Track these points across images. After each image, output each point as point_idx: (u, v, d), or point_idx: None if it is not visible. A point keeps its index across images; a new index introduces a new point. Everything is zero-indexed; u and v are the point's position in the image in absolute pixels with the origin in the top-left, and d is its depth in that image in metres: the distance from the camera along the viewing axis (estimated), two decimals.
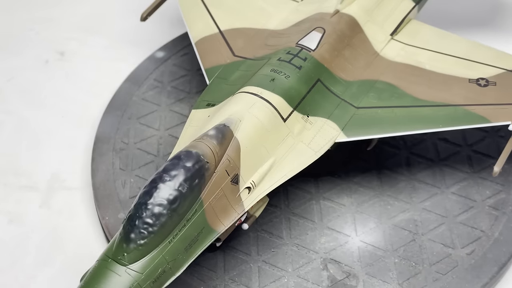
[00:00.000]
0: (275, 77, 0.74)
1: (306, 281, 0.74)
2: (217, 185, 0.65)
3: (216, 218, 0.65)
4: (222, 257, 0.77)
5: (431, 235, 0.78)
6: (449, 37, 0.86)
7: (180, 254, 0.62)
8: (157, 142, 0.91)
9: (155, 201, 0.61)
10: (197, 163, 0.63)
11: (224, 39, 0.87)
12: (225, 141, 0.67)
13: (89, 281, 0.59)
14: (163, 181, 0.62)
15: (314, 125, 0.74)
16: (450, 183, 0.84)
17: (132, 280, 0.59)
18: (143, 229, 0.60)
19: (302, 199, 0.82)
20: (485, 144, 0.88)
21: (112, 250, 0.60)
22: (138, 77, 1.01)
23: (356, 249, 0.77)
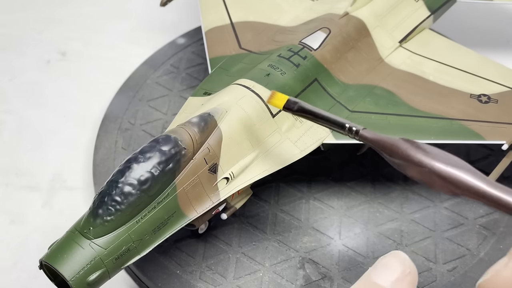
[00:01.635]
0: (270, 73, 0.75)
1: (281, 278, 0.75)
2: (194, 172, 0.66)
3: (189, 204, 0.66)
4: (203, 244, 0.78)
5: (414, 247, 0.77)
6: (460, 50, 0.85)
7: (148, 235, 0.63)
8: (162, 126, 0.93)
9: (126, 180, 0.62)
10: (173, 148, 0.64)
11: (233, 31, 0.87)
12: (207, 130, 0.67)
13: (54, 250, 0.61)
14: (137, 162, 0.63)
15: (304, 124, 0.74)
16: (445, 198, 0.82)
17: (94, 254, 0.61)
18: (111, 206, 0.61)
19: (292, 197, 0.83)
20: (487, 163, 0.86)
21: (80, 224, 0.62)
22: (156, 61, 1.03)
23: (337, 252, 0.77)
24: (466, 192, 0.50)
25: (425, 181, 0.53)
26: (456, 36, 0.91)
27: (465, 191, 0.50)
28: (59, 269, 0.59)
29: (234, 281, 0.74)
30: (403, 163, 0.54)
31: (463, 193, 0.50)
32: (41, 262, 0.61)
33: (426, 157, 0.52)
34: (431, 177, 0.52)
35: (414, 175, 0.54)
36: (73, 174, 0.93)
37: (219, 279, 0.75)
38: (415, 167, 0.53)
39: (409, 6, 0.88)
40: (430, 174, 0.52)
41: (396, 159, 0.55)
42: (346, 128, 0.60)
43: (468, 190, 0.49)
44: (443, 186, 0.51)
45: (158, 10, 0.99)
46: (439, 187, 0.52)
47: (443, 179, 0.51)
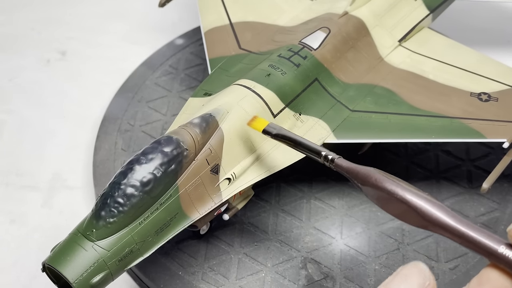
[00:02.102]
0: (271, 73, 0.74)
1: (283, 278, 0.75)
2: (196, 173, 0.66)
3: (191, 205, 0.66)
4: (205, 245, 0.78)
5: (416, 246, 0.78)
6: (459, 49, 0.85)
7: (150, 236, 0.63)
8: (162, 127, 0.92)
9: (128, 182, 0.62)
10: (175, 149, 0.64)
11: (233, 31, 0.87)
12: (208, 131, 0.67)
13: (57, 253, 0.61)
14: (140, 163, 0.63)
15: (305, 123, 0.74)
16: (446, 196, 0.82)
17: (97, 256, 0.60)
18: (113, 208, 0.61)
19: (293, 197, 0.83)
20: (488, 161, 0.86)
21: (83, 226, 0.62)
22: (155, 62, 1.03)
23: (339, 251, 0.77)
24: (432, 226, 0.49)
25: (394, 212, 0.53)
26: (455, 35, 0.91)
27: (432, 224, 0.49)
28: (62, 272, 0.59)
29: (236, 281, 0.74)
30: (374, 192, 0.55)
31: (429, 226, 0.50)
32: (44, 264, 0.61)
33: (397, 187, 0.52)
34: (400, 208, 0.52)
35: (383, 205, 0.54)
36: (73, 173, 0.93)
37: (221, 279, 0.74)
38: (385, 197, 0.53)
39: (408, 5, 0.88)
40: (400, 204, 0.52)
41: (368, 187, 0.55)
42: (322, 156, 0.62)
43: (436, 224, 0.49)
44: (412, 217, 0.51)
45: (157, 10, 0.99)
46: (408, 219, 0.52)
47: (413, 209, 0.50)
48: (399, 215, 0.52)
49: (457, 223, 0.48)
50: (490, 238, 0.46)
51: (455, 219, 0.48)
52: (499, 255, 0.44)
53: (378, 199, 0.55)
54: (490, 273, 0.45)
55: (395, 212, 0.53)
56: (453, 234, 0.48)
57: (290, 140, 0.65)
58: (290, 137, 0.65)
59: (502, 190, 0.82)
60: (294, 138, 0.65)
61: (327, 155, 0.62)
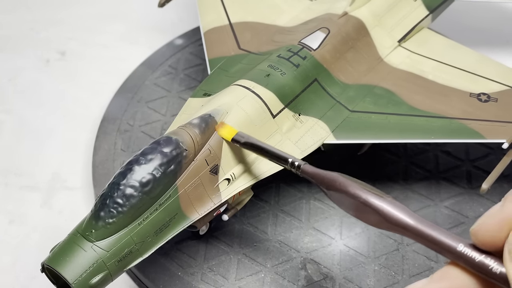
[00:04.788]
0: (270, 73, 0.74)
1: (283, 279, 0.75)
2: (195, 174, 0.66)
3: (190, 205, 0.66)
4: (204, 245, 0.78)
5: (416, 246, 0.78)
6: (459, 49, 0.85)
7: (149, 237, 0.63)
8: (161, 127, 0.92)
9: (127, 183, 0.62)
10: (175, 150, 0.64)
11: (232, 31, 0.87)
12: (208, 131, 0.67)
13: (56, 253, 0.61)
14: (139, 164, 0.63)
15: (305, 124, 0.74)
16: (445, 196, 0.82)
17: (96, 256, 0.60)
18: (112, 209, 0.61)
19: (293, 197, 0.83)
20: (487, 161, 0.86)
21: (82, 226, 0.62)
22: (154, 62, 1.03)
23: (338, 252, 0.77)
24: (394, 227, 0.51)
25: (358, 214, 0.55)
26: (455, 35, 0.91)
27: (394, 225, 0.51)
28: (62, 272, 0.59)
29: (236, 282, 0.74)
30: (339, 196, 0.56)
31: (392, 228, 0.51)
32: (43, 265, 0.61)
33: (360, 191, 0.54)
34: (365, 210, 0.53)
35: (348, 209, 0.56)
36: (72, 174, 0.93)
37: (221, 280, 0.74)
38: (350, 200, 0.54)
39: (407, 5, 0.88)
40: (364, 207, 0.53)
41: (333, 191, 0.56)
42: (289, 162, 0.63)
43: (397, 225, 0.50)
44: (375, 220, 0.52)
45: (156, 10, 0.99)
46: (371, 221, 0.53)
47: (376, 212, 0.52)
48: (363, 218, 0.54)
49: (418, 223, 0.49)
50: (449, 237, 0.47)
51: (416, 220, 0.49)
52: (458, 253, 0.46)
53: (342, 203, 0.56)
54: (451, 270, 0.46)
55: (359, 215, 0.54)
56: (414, 234, 0.49)
57: (258, 148, 0.66)
58: (258, 145, 0.66)
59: (502, 190, 0.82)
60: (261, 146, 0.66)
61: (294, 161, 0.63)
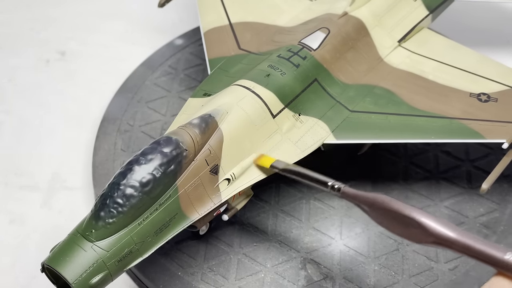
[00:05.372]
0: (270, 73, 0.74)
1: (283, 279, 0.75)
2: (195, 174, 0.66)
3: (190, 205, 0.66)
4: (204, 245, 0.78)
5: (416, 246, 0.77)
6: (459, 49, 0.85)
7: (149, 237, 0.63)
8: (161, 127, 0.92)
9: (127, 183, 0.62)
10: (175, 150, 0.64)
11: (232, 31, 0.87)
12: (208, 131, 0.67)
13: (56, 253, 0.61)
14: (139, 164, 0.63)
15: (305, 124, 0.74)
16: (445, 196, 0.82)
17: (96, 256, 0.60)
18: (113, 209, 0.61)
19: (292, 197, 0.83)
20: (487, 161, 0.86)
21: (82, 226, 0.62)
22: (154, 62, 1.03)
23: (338, 252, 0.77)
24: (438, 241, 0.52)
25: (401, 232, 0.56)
26: (455, 35, 0.91)
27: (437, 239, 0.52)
28: (62, 272, 0.59)
29: (236, 282, 0.74)
30: (382, 214, 0.57)
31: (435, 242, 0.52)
32: (43, 265, 0.61)
33: (404, 207, 0.55)
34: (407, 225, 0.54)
35: (390, 226, 0.57)
36: (72, 174, 0.93)
37: (221, 280, 0.74)
38: (392, 217, 0.56)
39: (407, 5, 0.88)
40: (408, 223, 0.54)
41: (376, 209, 0.58)
42: (329, 186, 0.64)
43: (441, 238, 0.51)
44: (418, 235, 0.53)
45: (157, 10, 0.99)
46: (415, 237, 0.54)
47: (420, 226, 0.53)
48: (405, 234, 0.55)
49: (462, 236, 0.50)
50: (494, 247, 0.48)
51: (459, 232, 0.51)
52: (506, 263, 0.46)
53: (385, 221, 0.57)
54: (499, 281, 0.46)
55: (401, 231, 0.55)
56: (459, 246, 0.50)
57: (297, 174, 0.68)
58: (296, 171, 0.68)
59: (502, 190, 0.82)
60: (300, 172, 0.68)
61: (334, 184, 0.64)
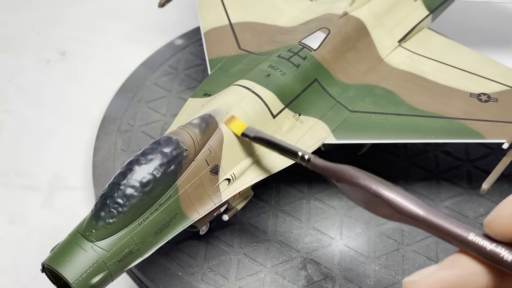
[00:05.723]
0: (271, 73, 0.74)
1: (283, 279, 0.75)
2: (195, 174, 0.66)
3: (191, 205, 0.66)
4: (205, 246, 0.78)
5: (416, 246, 0.78)
6: (459, 49, 0.85)
7: (150, 237, 0.63)
8: (162, 127, 0.92)
9: (128, 183, 0.62)
10: (175, 150, 0.64)
11: (232, 31, 0.87)
12: (208, 131, 0.67)
13: (57, 253, 0.61)
14: (139, 164, 0.63)
15: (305, 124, 0.74)
16: (445, 196, 0.82)
17: (97, 256, 0.60)
18: (113, 209, 0.61)
19: (293, 197, 0.83)
20: (487, 161, 0.86)
21: (83, 226, 0.62)
22: (154, 62, 1.03)
23: (338, 252, 0.77)
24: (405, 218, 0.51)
25: (368, 206, 0.55)
26: (455, 35, 0.91)
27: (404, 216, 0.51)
28: (62, 272, 0.59)
29: (236, 282, 0.74)
30: (349, 188, 0.56)
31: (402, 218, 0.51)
32: (44, 265, 0.61)
33: (371, 182, 0.54)
34: (374, 202, 0.54)
35: (358, 201, 0.56)
36: (72, 174, 0.93)
37: (221, 280, 0.74)
38: (360, 192, 0.55)
39: (407, 5, 0.88)
40: (374, 198, 0.53)
41: (343, 183, 0.57)
42: (298, 156, 0.64)
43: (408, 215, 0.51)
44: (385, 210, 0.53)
45: (157, 10, 0.99)
46: (382, 213, 0.53)
47: (386, 202, 0.52)
48: (374, 209, 0.54)
49: (428, 214, 0.50)
50: (460, 226, 0.48)
51: (426, 210, 0.50)
52: (469, 242, 0.46)
53: (352, 195, 0.57)
54: (461, 258, 0.47)
55: (369, 207, 0.55)
56: (425, 224, 0.50)
57: (267, 142, 0.67)
58: (267, 139, 0.67)
59: (502, 190, 0.82)
60: (271, 140, 0.67)
61: (304, 155, 0.63)
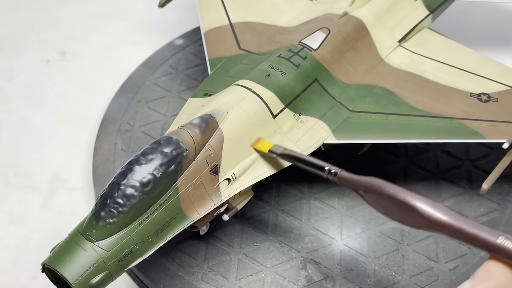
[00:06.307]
0: (271, 73, 0.74)
1: (283, 279, 0.75)
2: (195, 174, 0.66)
3: (191, 205, 0.66)
4: (205, 245, 0.78)
5: (416, 246, 0.78)
6: (459, 49, 0.85)
7: (150, 237, 0.63)
8: (162, 127, 0.92)
9: (128, 182, 0.62)
10: (175, 150, 0.64)
11: (232, 31, 0.87)
12: (208, 131, 0.67)
13: (57, 253, 0.61)
14: (139, 164, 0.63)
15: (305, 124, 0.74)
16: (445, 196, 0.82)
17: (97, 256, 0.60)
18: (113, 209, 0.61)
19: (293, 197, 0.83)
20: (488, 161, 0.86)
21: (83, 226, 0.62)
22: (154, 62, 1.03)
23: (338, 252, 0.77)
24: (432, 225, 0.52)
25: (395, 216, 0.56)
26: (455, 35, 0.91)
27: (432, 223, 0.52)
28: (62, 272, 0.59)
29: (236, 282, 0.74)
30: (377, 199, 0.57)
31: (429, 226, 0.52)
32: (44, 265, 0.61)
33: (398, 191, 0.55)
34: (402, 211, 0.54)
35: (385, 210, 0.57)
36: (72, 174, 0.93)
37: (221, 280, 0.74)
38: (387, 201, 0.56)
39: (407, 5, 0.88)
40: (402, 207, 0.54)
41: (371, 193, 0.58)
42: (325, 170, 0.65)
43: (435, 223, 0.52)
44: (412, 218, 0.54)
45: (157, 10, 0.99)
46: (409, 221, 0.54)
47: (414, 210, 0.53)
48: (401, 219, 0.55)
49: (455, 220, 0.50)
50: (488, 231, 0.48)
51: (453, 217, 0.51)
52: (498, 246, 0.46)
53: (379, 205, 0.57)
54: (493, 266, 0.46)
55: (396, 216, 0.55)
56: (453, 231, 0.50)
57: (294, 158, 0.68)
58: (295, 156, 0.69)
59: (502, 190, 0.82)
60: (298, 156, 0.68)
61: (330, 169, 0.64)
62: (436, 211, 0.51)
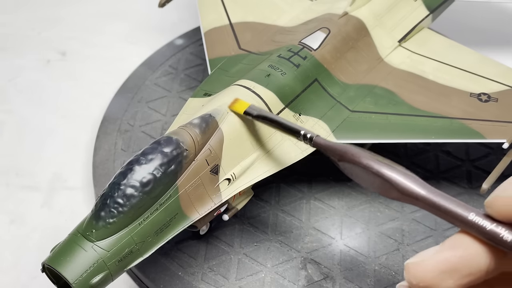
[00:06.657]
0: (271, 73, 0.74)
1: (283, 278, 0.75)
2: (195, 174, 0.66)
3: (191, 205, 0.66)
4: (205, 245, 0.78)
5: (416, 246, 0.77)
6: (459, 49, 0.85)
7: (150, 237, 0.63)
8: (162, 127, 0.93)
9: (128, 182, 0.62)
10: (175, 150, 0.64)
11: (233, 31, 0.87)
12: (208, 131, 0.67)
13: (57, 253, 0.61)
14: (139, 164, 0.63)
15: (305, 124, 0.74)
16: None
17: (97, 256, 0.60)
18: (113, 209, 0.61)
19: (293, 197, 0.83)
20: (488, 161, 0.86)
21: (83, 226, 0.62)
22: (155, 62, 1.03)
23: (338, 252, 0.77)
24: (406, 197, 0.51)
25: (369, 185, 0.55)
26: (455, 35, 0.91)
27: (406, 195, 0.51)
28: (62, 272, 0.59)
29: (236, 282, 0.74)
30: (350, 167, 0.56)
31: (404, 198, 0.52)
32: (44, 265, 0.61)
33: (373, 162, 0.54)
34: (376, 181, 0.53)
35: (359, 179, 0.56)
36: (72, 174, 0.93)
37: (221, 280, 0.74)
38: (361, 171, 0.55)
39: (407, 5, 0.88)
40: (376, 178, 0.53)
41: (345, 162, 0.57)
42: (301, 134, 0.64)
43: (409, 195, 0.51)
44: (387, 190, 0.53)
45: (157, 10, 0.99)
46: (383, 191, 0.53)
47: (388, 182, 0.52)
48: (375, 188, 0.54)
49: (430, 193, 0.50)
50: (461, 206, 0.48)
51: (427, 190, 0.50)
52: (469, 222, 0.46)
53: (354, 174, 0.56)
54: (462, 238, 0.46)
55: (370, 185, 0.55)
56: (426, 204, 0.50)
57: (270, 120, 0.67)
58: (270, 118, 0.67)
59: None
60: (274, 118, 0.67)
61: (306, 133, 0.63)
62: (410, 183, 0.51)
